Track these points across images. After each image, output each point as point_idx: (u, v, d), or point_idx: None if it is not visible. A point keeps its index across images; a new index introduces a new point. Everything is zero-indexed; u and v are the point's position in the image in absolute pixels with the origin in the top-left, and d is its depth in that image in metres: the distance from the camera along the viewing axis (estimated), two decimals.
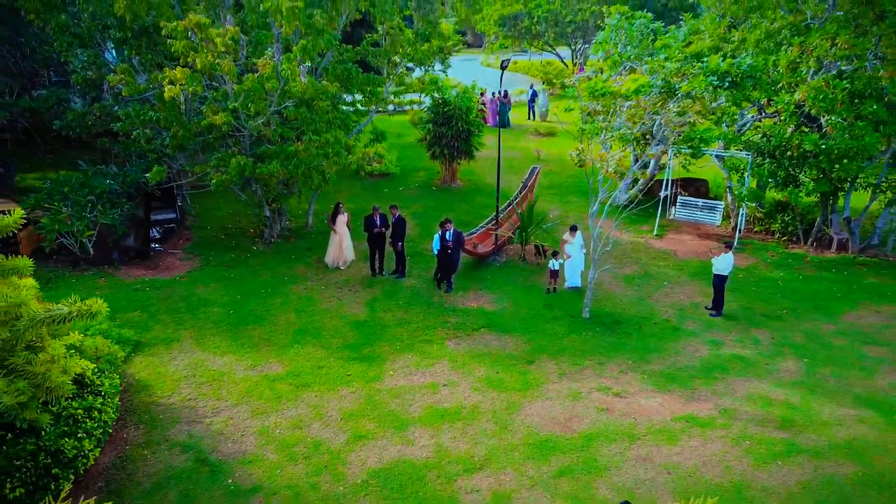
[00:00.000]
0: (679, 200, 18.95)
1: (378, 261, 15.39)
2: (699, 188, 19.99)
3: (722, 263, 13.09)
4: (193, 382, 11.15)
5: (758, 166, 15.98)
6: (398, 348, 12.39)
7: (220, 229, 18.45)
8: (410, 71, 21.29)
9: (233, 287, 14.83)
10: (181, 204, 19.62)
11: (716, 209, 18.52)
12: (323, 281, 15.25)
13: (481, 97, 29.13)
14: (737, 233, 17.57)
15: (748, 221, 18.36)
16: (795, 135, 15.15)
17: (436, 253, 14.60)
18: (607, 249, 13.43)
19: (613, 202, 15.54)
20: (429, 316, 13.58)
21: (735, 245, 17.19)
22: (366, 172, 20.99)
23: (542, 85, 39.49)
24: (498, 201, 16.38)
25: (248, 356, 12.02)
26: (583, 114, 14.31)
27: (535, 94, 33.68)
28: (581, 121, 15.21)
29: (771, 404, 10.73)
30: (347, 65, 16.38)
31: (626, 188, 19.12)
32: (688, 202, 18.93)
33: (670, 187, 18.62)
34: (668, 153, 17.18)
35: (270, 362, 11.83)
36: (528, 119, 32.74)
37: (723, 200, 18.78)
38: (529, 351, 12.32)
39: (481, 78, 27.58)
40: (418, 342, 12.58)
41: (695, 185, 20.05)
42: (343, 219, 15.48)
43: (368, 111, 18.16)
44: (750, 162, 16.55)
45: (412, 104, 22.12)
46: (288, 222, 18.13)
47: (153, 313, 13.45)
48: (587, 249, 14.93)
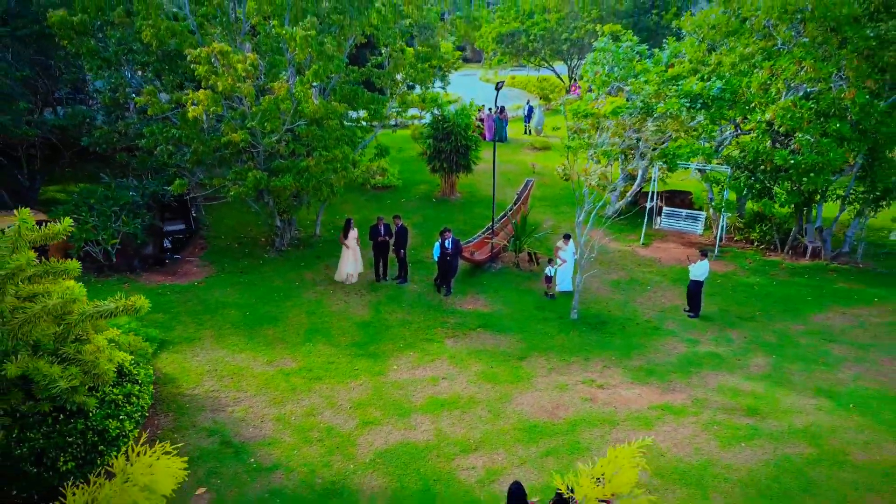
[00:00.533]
0: (664, 211, 20.13)
1: (382, 267, 16.52)
2: (683, 199, 21.17)
3: (698, 270, 14.23)
4: (215, 376, 12.24)
5: (734, 179, 17.17)
6: (401, 346, 13.49)
7: (233, 238, 19.60)
8: (411, 88, 22.56)
9: (247, 291, 15.95)
10: (195, 215, 20.79)
11: (698, 219, 19.69)
12: (331, 286, 16.37)
13: (479, 113, 30.45)
14: (717, 241, 18.74)
15: (729, 231, 19.52)
16: (768, 150, 16.36)
17: (436, 259, 15.74)
18: (593, 256, 14.58)
19: (607, 213, 16.73)
20: (429, 317, 14.71)
21: (715, 253, 18.38)
22: (370, 185, 22.18)
23: (539, 101, 40.86)
24: (493, 212, 17.57)
25: (265, 353, 13.12)
26: (569, 132, 15.50)
27: (532, 110, 35.01)
28: (568, 138, 16.40)
29: (739, 395, 11.82)
30: (354, 85, 17.60)
31: (616, 199, 20.36)
32: (672, 213, 20.10)
33: (655, 199, 19.82)
34: (654, 167, 18.36)
35: (285, 358, 12.94)
36: (525, 134, 34.03)
37: (705, 211, 19.95)
38: (521, 348, 13.43)
39: (479, 93, 28.88)
40: (420, 341, 13.70)
41: (679, 197, 21.24)
42: (354, 234, 16.18)
43: (373, 128, 19.38)
44: (729, 175, 17.75)
45: (413, 119, 23.35)
46: (297, 232, 19.26)
47: (175, 315, 14.56)
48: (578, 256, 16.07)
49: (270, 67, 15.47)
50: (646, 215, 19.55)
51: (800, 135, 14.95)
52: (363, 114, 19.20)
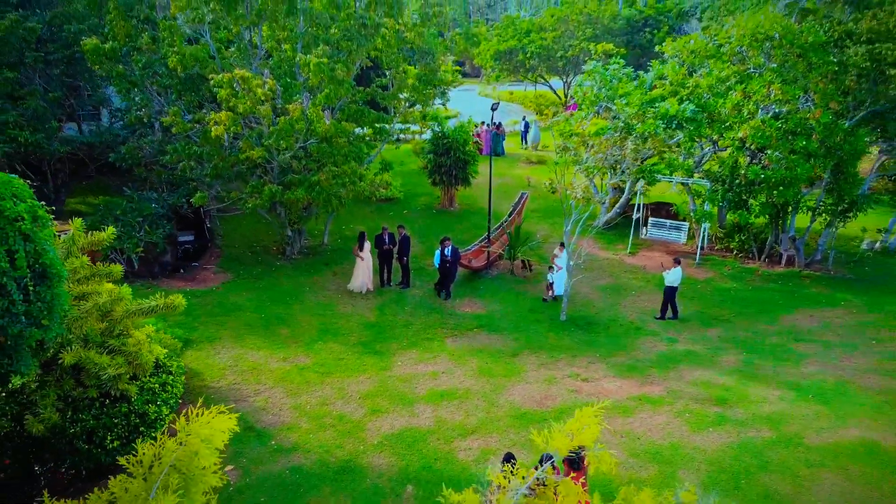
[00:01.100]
0: (650, 222, 21.42)
1: (386, 273, 17.78)
2: (668, 211, 22.48)
3: (672, 276, 15.49)
4: (236, 371, 13.45)
5: (713, 192, 18.47)
6: (405, 345, 14.72)
7: (247, 247, 20.87)
8: (413, 106, 23.95)
9: (261, 295, 17.18)
10: (210, 225, 22.08)
11: (681, 229, 20.98)
12: (339, 291, 17.62)
13: (476, 129, 31.85)
14: (699, 250, 20.02)
15: (711, 240, 20.81)
16: (742, 165, 17.69)
17: (436, 266, 17.01)
18: (580, 263, 15.85)
19: (597, 224, 17.97)
20: (430, 319, 15.95)
21: (697, 261, 19.65)
22: (375, 198, 23.51)
23: (535, 116, 42.32)
24: (490, 222, 18.86)
25: (280, 351, 14.34)
26: (557, 150, 16.83)
27: (528, 126, 36.44)
28: (556, 155, 17.73)
29: (711, 387, 13.02)
30: (360, 105, 18.97)
31: (606, 210, 21.68)
32: (658, 223, 21.39)
33: (642, 210, 21.13)
34: (638, 181, 19.68)
35: (298, 355, 14.15)
36: (521, 148, 35.43)
37: (687, 222, 21.25)
38: (515, 346, 14.66)
39: (478, 107, 30.19)
40: (422, 340, 14.93)
41: (665, 208, 22.54)
42: (368, 246, 17.26)
43: (378, 143, 20.73)
44: (708, 188, 19.05)
45: (415, 133, 24.70)
46: (306, 241, 20.54)
47: (196, 317, 15.77)
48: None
49: (285, 90, 16.82)
50: (632, 226, 20.85)
51: (770, 151, 16.28)
52: (367, 130, 20.56)
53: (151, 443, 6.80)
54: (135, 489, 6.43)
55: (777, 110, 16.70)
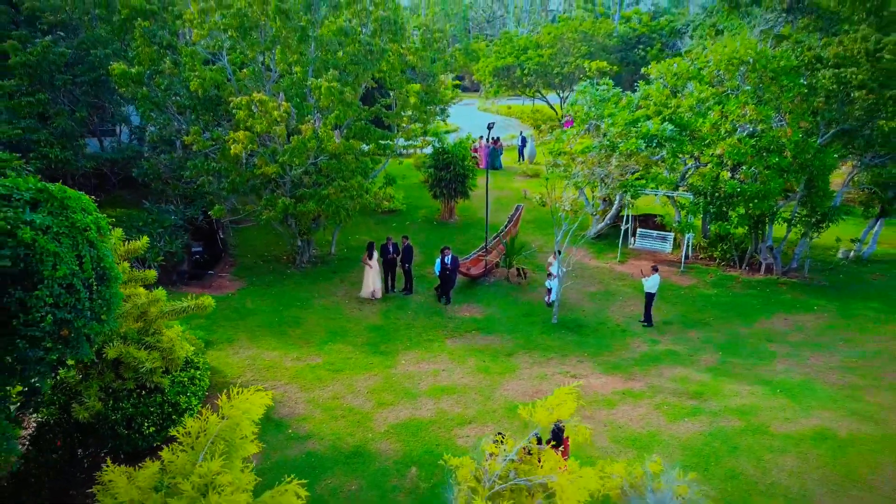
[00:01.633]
0: (638, 232, 22.67)
1: (390, 280, 19.01)
2: (655, 222, 23.75)
3: (650, 283, 16.71)
4: (253, 368, 14.63)
5: (695, 204, 19.71)
6: (408, 345, 15.91)
7: (258, 257, 22.10)
8: (414, 121, 25.29)
9: (274, 301, 18.39)
10: (223, 236, 23.32)
11: (667, 239, 22.21)
12: (346, 296, 18.83)
13: (475, 144, 33.21)
14: (683, 259, 21.24)
15: (695, 249, 22.03)
16: (721, 179, 18.97)
17: (437, 273, 18.23)
18: (569, 270, 17.07)
19: (587, 235, 19.19)
20: (432, 322, 17.16)
21: (682, 269, 20.88)
22: (380, 210, 24.79)
23: (532, 131, 43.70)
24: (487, 233, 20.12)
25: (293, 351, 15.53)
26: (547, 166, 18.13)
27: (525, 141, 37.80)
28: (546, 171, 19.02)
29: (688, 383, 14.20)
30: (366, 123, 20.29)
31: (597, 222, 22.95)
32: (645, 234, 22.64)
33: (630, 221, 22.39)
34: (627, 194, 20.95)
35: (310, 355, 15.34)
36: (518, 162, 36.75)
37: (673, 232, 22.49)
38: (509, 347, 15.85)
39: (477, 122, 31.49)
40: (423, 341, 16.12)
41: (652, 219, 23.80)
42: (375, 255, 18.35)
43: (382, 160, 22.04)
44: (691, 201, 20.30)
45: (417, 148, 26.00)
46: (315, 251, 21.77)
47: (214, 320, 16.96)
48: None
49: (297, 111, 18.13)
50: (621, 236, 22.11)
51: (745, 167, 17.56)
52: (371, 146, 21.85)
53: (197, 417, 8.04)
54: (184, 458, 7.67)
55: (752, 129, 18.00)
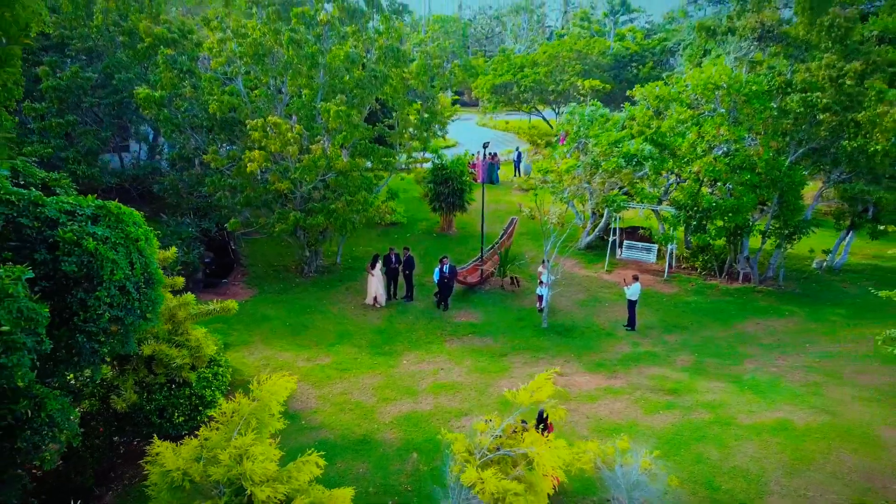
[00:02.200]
0: (625, 244, 24.05)
1: (393, 288, 20.35)
2: (640, 234, 25.14)
3: (631, 291, 18.05)
4: (268, 368, 15.90)
5: (676, 217, 21.09)
6: (409, 347, 17.21)
7: (268, 266, 23.46)
8: (414, 138, 26.74)
9: (285, 307, 19.72)
10: (234, 247, 24.69)
11: (651, 250, 23.59)
12: (351, 303, 20.16)
13: (473, 160, 34.72)
14: (667, 268, 22.60)
15: (678, 260, 23.39)
16: (704, 194, 20.38)
17: (436, 281, 19.59)
18: (557, 278, 18.43)
19: (577, 246, 20.57)
20: (431, 326, 18.48)
21: (665, 277, 22.23)
22: (383, 222, 26.20)
23: (528, 146, 45.27)
24: (483, 244, 21.49)
25: (304, 352, 16.84)
26: (537, 183, 19.55)
27: (521, 155, 39.32)
28: (537, 185, 20.44)
29: (665, 380, 15.49)
30: (370, 143, 21.76)
31: (587, 234, 24.34)
32: (631, 245, 24.02)
33: (618, 233, 23.79)
34: (609, 207, 22.35)
35: (320, 356, 16.64)
36: (514, 176, 38.24)
37: (657, 244, 23.87)
38: (503, 348, 17.15)
39: (476, 136, 32.92)
40: (424, 343, 17.43)
41: (638, 232, 25.19)
42: (380, 265, 19.66)
43: (385, 175, 23.48)
44: (674, 214, 21.69)
45: (417, 163, 27.42)
46: (322, 261, 23.14)
47: (230, 325, 18.27)
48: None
49: (308, 131, 19.59)
50: (608, 247, 23.49)
51: (720, 184, 18.97)
52: (374, 163, 23.30)
53: (231, 399, 9.37)
54: (219, 434, 9.00)
55: (727, 148, 19.44)
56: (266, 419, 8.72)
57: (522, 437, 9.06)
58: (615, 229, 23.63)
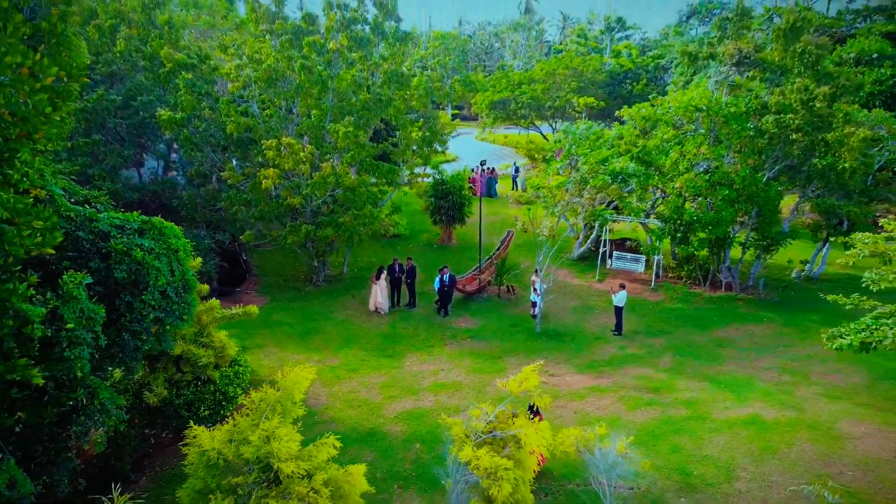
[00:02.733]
0: (615, 255, 25.38)
1: (396, 296, 21.67)
2: (627, 245, 26.49)
3: (617, 298, 19.35)
4: (282, 368, 17.17)
5: (661, 230, 22.44)
6: (412, 350, 18.46)
7: (278, 276, 24.78)
8: (416, 154, 28.13)
9: (296, 314, 21.02)
10: (246, 258, 26.03)
11: (639, 260, 24.91)
12: (358, 310, 21.46)
13: (473, 175, 36.17)
14: (654, 278, 23.91)
15: (665, 270, 24.70)
16: (688, 208, 21.75)
17: (437, 290, 20.90)
18: (549, 287, 19.75)
19: (571, 257, 21.91)
20: (432, 331, 19.76)
21: (652, 286, 23.53)
22: (387, 234, 27.57)
23: (525, 160, 46.75)
24: (480, 255, 22.82)
25: (315, 355, 18.11)
26: (530, 197, 20.92)
27: (518, 170, 40.79)
28: (530, 198, 21.81)
29: (648, 380, 16.73)
30: (375, 160, 23.18)
31: (580, 245, 25.69)
32: (620, 256, 25.35)
33: (608, 244, 25.13)
34: (598, 220, 23.73)
35: (330, 358, 17.92)
36: (512, 190, 39.65)
37: (644, 254, 25.21)
38: (499, 351, 18.42)
39: (475, 150, 34.36)
40: (425, 346, 18.71)
41: (626, 243, 26.55)
42: (384, 275, 21.01)
43: (389, 190, 24.88)
44: (660, 227, 23.04)
45: (419, 178, 28.80)
46: (329, 271, 24.46)
47: (246, 330, 19.55)
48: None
49: (319, 150, 21.02)
50: (599, 258, 24.83)
51: (700, 199, 20.36)
52: (379, 179, 24.70)
53: (258, 389, 10.67)
54: (248, 420, 10.28)
55: (707, 166, 20.84)
56: (289, 406, 9.99)
57: (513, 423, 10.34)
58: (606, 241, 24.96)
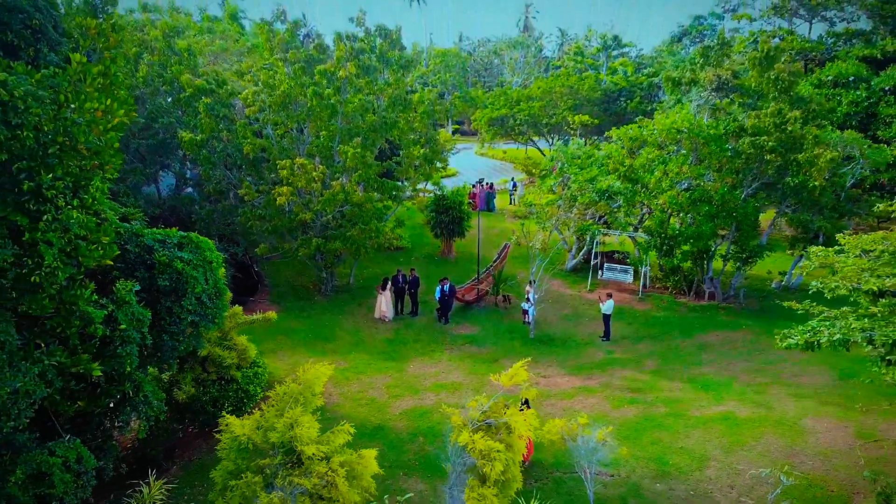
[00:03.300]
0: (605, 266, 26.84)
1: (400, 304, 23.09)
2: (615, 257, 27.95)
3: (605, 307, 20.78)
4: (295, 371, 18.57)
5: (647, 243, 23.91)
6: (415, 354, 19.84)
7: (288, 287, 26.21)
8: (417, 169, 29.60)
9: (306, 321, 22.42)
10: (257, 269, 27.49)
11: (628, 272, 26.36)
12: (364, 318, 22.87)
13: (472, 190, 37.73)
14: (641, 288, 25.34)
15: (652, 280, 26.14)
16: (673, 223, 23.24)
17: (438, 299, 22.33)
18: (541, 296, 21.19)
19: (564, 268, 23.36)
20: (434, 337, 21.16)
21: (640, 296, 24.96)
22: (391, 247, 29.06)
23: (523, 175, 48.36)
24: (479, 266, 24.28)
25: (325, 358, 19.42)
26: (525, 213, 22.44)
27: (515, 185, 42.36)
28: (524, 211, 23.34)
29: (632, 381, 18.09)
30: (380, 178, 24.73)
31: (573, 257, 27.17)
32: (611, 267, 26.80)
33: (599, 256, 26.59)
34: (597, 233, 25.24)
35: (339, 361, 19.29)
36: (509, 204, 41.20)
37: (633, 266, 26.67)
38: (495, 355, 19.79)
39: (474, 165, 35.88)
40: (427, 351, 20.10)
41: (614, 255, 28.03)
42: (389, 285, 22.52)
43: (393, 206, 26.41)
44: (646, 240, 24.51)
45: (421, 192, 30.30)
46: (336, 281, 25.89)
47: (260, 336, 20.87)
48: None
49: (329, 170, 22.56)
50: (590, 269, 26.28)
51: (682, 214, 21.86)
52: (384, 196, 26.22)
53: (282, 383, 12.10)
54: (273, 410, 11.69)
55: (688, 184, 22.36)
56: (309, 398, 11.39)
57: (505, 412, 11.74)
58: (596, 253, 26.44)
